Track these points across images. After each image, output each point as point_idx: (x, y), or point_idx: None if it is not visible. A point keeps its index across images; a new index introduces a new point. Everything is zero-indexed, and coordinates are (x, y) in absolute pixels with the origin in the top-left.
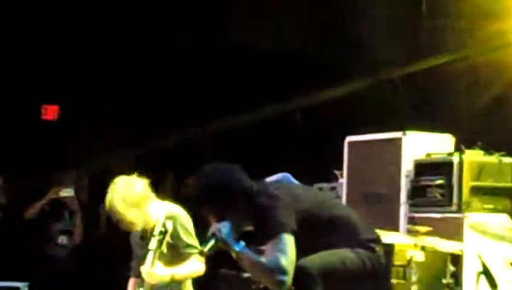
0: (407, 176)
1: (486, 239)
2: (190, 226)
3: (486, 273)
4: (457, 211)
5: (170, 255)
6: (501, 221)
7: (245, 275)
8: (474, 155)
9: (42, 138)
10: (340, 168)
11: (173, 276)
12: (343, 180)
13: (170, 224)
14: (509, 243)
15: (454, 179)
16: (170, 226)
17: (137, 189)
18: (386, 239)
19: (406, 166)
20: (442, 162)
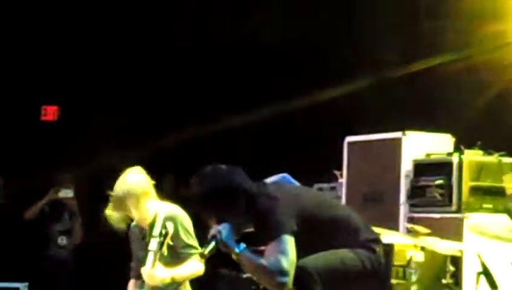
0: (406, 176)
1: (485, 239)
2: (190, 226)
3: (485, 273)
4: (456, 211)
5: (170, 255)
6: (501, 221)
7: (245, 275)
8: (473, 155)
9: (42, 139)
10: (340, 168)
11: (174, 277)
12: (343, 180)
13: (171, 226)
14: (508, 243)
15: (453, 179)
16: (171, 228)
17: (142, 181)
18: (386, 239)
19: (406, 166)
20: (441, 162)
